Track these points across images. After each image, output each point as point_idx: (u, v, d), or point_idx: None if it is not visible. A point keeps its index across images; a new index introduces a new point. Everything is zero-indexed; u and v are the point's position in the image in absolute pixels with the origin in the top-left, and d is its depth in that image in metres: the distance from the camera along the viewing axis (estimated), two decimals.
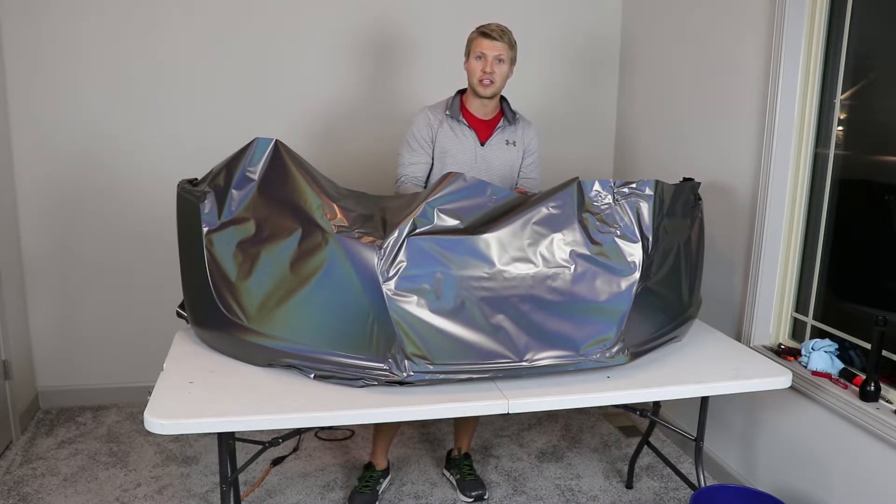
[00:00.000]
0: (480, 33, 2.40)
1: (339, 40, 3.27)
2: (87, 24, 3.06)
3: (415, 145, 2.47)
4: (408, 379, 1.84)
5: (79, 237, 3.23)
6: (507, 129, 2.51)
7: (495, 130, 2.49)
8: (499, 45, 2.37)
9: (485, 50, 2.37)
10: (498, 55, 2.37)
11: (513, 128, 2.52)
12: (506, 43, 2.38)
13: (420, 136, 2.46)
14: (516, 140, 2.52)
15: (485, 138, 2.48)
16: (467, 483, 2.67)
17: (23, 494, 2.62)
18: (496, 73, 2.38)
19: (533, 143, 2.57)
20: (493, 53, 2.37)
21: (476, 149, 2.47)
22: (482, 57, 2.37)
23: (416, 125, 2.48)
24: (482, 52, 2.37)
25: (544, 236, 1.95)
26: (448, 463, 2.83)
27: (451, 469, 2.78)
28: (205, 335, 2.10)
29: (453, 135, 2.45)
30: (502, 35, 2.38)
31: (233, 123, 3.24)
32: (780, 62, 2.38)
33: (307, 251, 1.90)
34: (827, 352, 2.30)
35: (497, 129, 2.49)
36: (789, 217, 2.48)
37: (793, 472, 2.41)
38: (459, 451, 2.78)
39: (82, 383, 3.37)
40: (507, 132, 2.51)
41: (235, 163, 2.04)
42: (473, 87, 2.42)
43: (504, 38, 2.38)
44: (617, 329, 1.95)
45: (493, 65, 2.37)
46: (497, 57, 2.37)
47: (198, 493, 2.67)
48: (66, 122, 3.13)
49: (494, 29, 2.39)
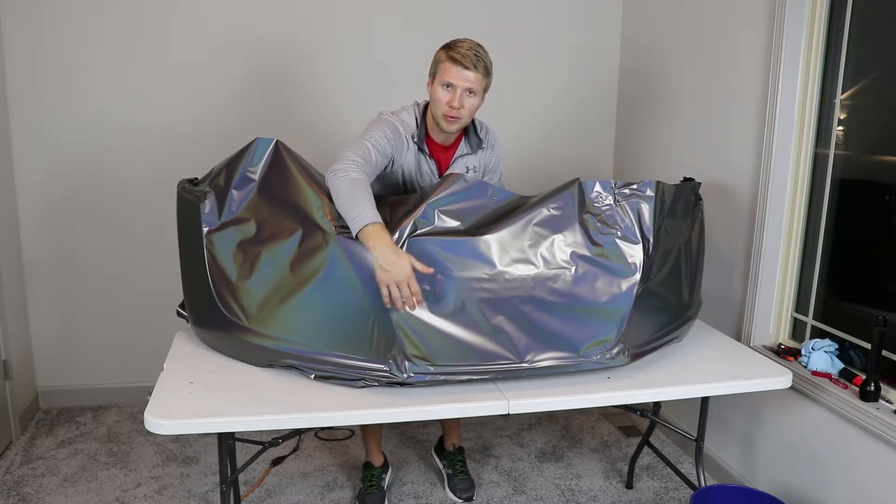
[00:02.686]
0: (450, 58, 2.04)
1: (340, 40, 3.27)
2: (87, 25, 3.06)
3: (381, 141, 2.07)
4: (408, 380, 1.84)
5: (79, 237, 3.23)
6: (468, 157, 2.26)
7: (455, 160, 2.25)
8: (471, 77, 2.03)
9: (454, 80, 2.03)
10: (468, 87, 2.04)
11: (475, 156, 2.27)
12: (480, 73, 2.04)
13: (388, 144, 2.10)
14: (476, 165, 2.29)
15: (445, 167, 2.25)
16: (458, 482, 2.66)
17: (23, 494, 2.62)
18: (465, 108, 2.06)
19: (494, 162, 2.34)
20: (463, 85, 2.03)
21: (432, 181, 2.23)
22: (451, 87, 2.05)
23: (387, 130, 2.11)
24: (451, 83, 2.04)
25: (545, 237, 1.95)
26: (441, 452, 2.81)
27: (444, 460, 2.77)
28: (205, 335, 2.10)
29: (416, 164, 2.20)
30: (477, 63, 2.02)
31: (233, 123, 3.24)
32: (780, 62, 2.38)
33: (308, 252, 1.90)
34: (827, 352, 2.30)
35: (456, 158, 2.25)
36: (789, 217, 2.48)
37: (793, 472, 2.41)
38: (453, 446, 2.77)
39: (82, 383, 3.37)
40: (470, 160, 2.27)
41: (236, 163, 2.04)
42: (437, 119, 2.12)
43: (479, 66, 2.03)
44: (617, 330, 1.95)
45: (461, 98, 2.05)
46: (468, 89, 2.04)
47: (198, 493, 2.67)
48: (66, 122, 3.13)
49: (467, 54, 2.02)
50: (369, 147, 2.03)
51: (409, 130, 2.17)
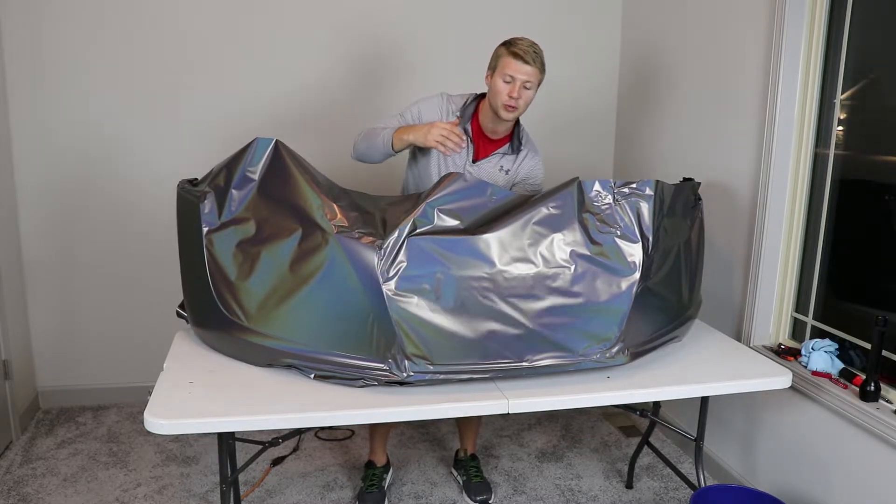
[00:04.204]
0: (512, 53, 2.19)
1: (341, 39, 3.27)
2: (88, 25, 3.06)
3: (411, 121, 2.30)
4: (408, 379, 1.84)
5: (79, 237, 3.23)
6: (506, 156, 2.37)
7: (493, 154, 2.35)
8: (530, 71, 2.18)
9: (515, 73, 2.18)
10: (526, 80, 2.19)
11: (512, 157, 2.37)
12: (538, 68, 2.19)
13: (424, 118, 2.29)
14: (510, 169, 2.37)
15: (479, 157, 2.35)
16: (473, 485, 2.67)
17: (23, 494, 2.62)
18: (522, 98, 2.21)
19: (537, 175, 2.42)
20: (522, 78, 2.18)
21: (465, 164, 2.33)
22: (511, 81, 2.19)
23: (427, 107, 2.32)
24: (512, 76, 2.18)
25: (544, 236, 1.95)
26: (456, 463, 2.83)
27: (459, 469, 2.79)
28: (205, 335, 2.10)
29: None
30: (535, 59, 2.18)
31: (233, 123, 3.24)
32: (780, 62, 2.38)
33: (307, 251, 1.90)
34: (827, 352, 2.30)
35: (496, 153, 2.36)
36: (789, 217, 2.48)
37: (793, 472, 2.41)
38: (466, 452, 2.78)
39: (82, 383, 3.37)
40: (506, 160, 2.37)
41: (235, 163, 2.04)
42: (495, 109, 2.25)
43: (537, 62, 2.19)
44: (617, 329, 1.95)
45: (520, 90, 2.19)
46: (525, 83, 2.19)
47: (198, 493, 2.67)
48: (66, 122, 3.13)
49: (528, 51, 2.18)
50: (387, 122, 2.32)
51: (456, 104, 2.34)
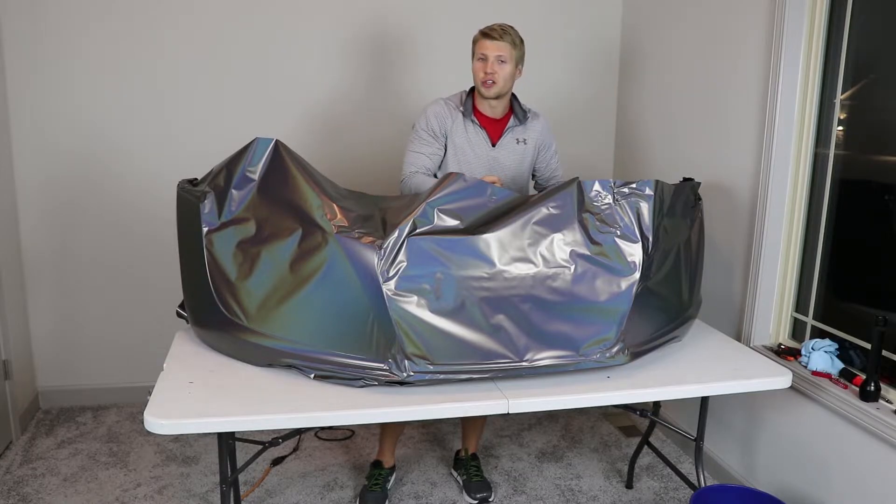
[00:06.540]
0: (482, 34, 2.39)
1: (341, 39, 3.27)
2: (88, 24, 3.06)
3: (426, 136, 2.44)
4: (408, 379, 1.84)
5: (79, 237, 3.23)
6: (516, 128, 2.50)
7: (506, 131, 2.48)
8: (500, 45, 2.35)
9: (486, 51, 2.36)
10: (499, 55, 2.35)
11: (522, 126, 2.51)
12: (507, 42, 2.36)
13: (432, 126, 2.43)
14: (527, 137, 2.52)
15: (496, 139, 2.47)
16: (473, 484, 2.67)
17: (23, 494, 2.62)
18: (498, 73, 2.35)
19: (547, 138, 2.57)
20: (494, 53, 2.35)
21: (488, 150, 2.46)
22: (484, 58, 2.36)
23: (429, 115, 2.44)
24: (484, 53, 2.36)
25: (544, 236, 1.95)
26: (456, 463, 2.83)
27: (459, 469, 2.79)
28: (205, 335, 2.10)
29: (465, 134, 2.44)
30: (503, 34, 2.36)
31: (233, 123, 3.24)
32: (780, 62, 2.38)
33: (307, 251, 1.90)
34: (827, 352, 2.29)
35: (507, 129, 2.48)
36: (789, 217, 2.48)
37: (793, 472, 2.41)
38: (466, 452, 2.78)
39: (82, 383, 3.37)
40: (518, 131, 2.50)
41: (235, 163, 2.04)
42: (477, 89, 2.42)
43: (505, 37, 2.36)
44: (617, 329, 1.95)
45: (493, 65, 2.35)
46: (498, 57, 2.35)
47: (198, 493, 2.67)
48: (66, 122, 3.13)
49: (495, 28, 2.37)
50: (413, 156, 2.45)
51: (455, 103, 2.48)
